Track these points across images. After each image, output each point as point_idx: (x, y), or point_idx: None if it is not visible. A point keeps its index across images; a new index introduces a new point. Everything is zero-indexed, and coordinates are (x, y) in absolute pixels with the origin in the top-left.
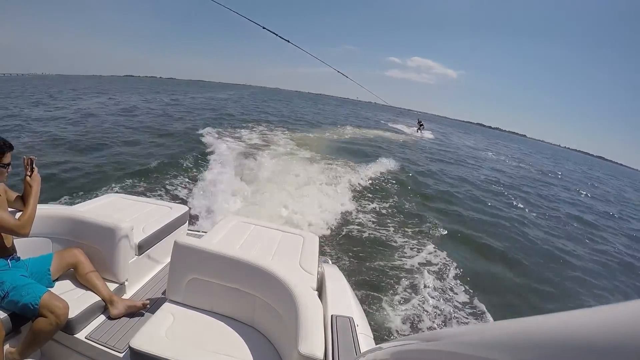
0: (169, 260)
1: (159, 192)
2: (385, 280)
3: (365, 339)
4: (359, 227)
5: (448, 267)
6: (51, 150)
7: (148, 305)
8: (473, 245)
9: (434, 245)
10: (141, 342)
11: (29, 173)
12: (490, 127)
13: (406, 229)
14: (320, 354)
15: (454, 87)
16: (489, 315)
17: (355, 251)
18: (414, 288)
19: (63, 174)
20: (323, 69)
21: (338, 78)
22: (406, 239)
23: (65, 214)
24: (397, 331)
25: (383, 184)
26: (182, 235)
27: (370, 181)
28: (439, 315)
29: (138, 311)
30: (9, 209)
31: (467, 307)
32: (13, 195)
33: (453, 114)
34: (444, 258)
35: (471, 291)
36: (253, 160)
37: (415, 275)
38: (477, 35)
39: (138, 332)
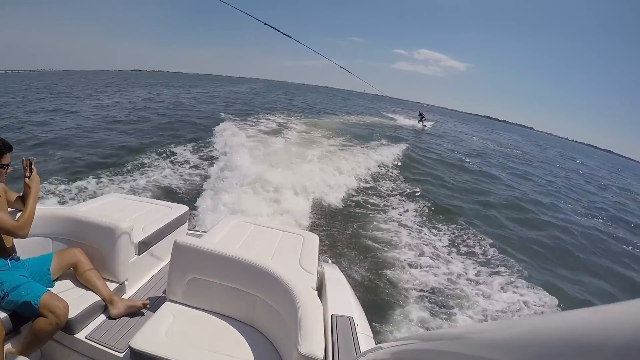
0: (168, 260)
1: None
2: (385, 280)
3: (365, 339)
4: (358, 227)
5: (448, 267)
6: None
7: (148, 305)
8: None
9: (434, 245)
10: (141, 342)
11: (28, 174)
12: (497, 119)
13: (406, 228)
14: (320, 354)
15: (462, 80)
16: (488, 317)
17: (355, 251)
18: (414, 288)
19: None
20: (329, 62)
21: (342, 72)
22: (406, 238)
23: (65, 214)
24: (397, 331)
25: (379, 176)
26: (182, 235)
27: (369, 171)
28: (439, 314)
29: (138, 311)
30: (10, 209)
31: (467, 307)
32: (13, 195)
33: (461, 106)
34: (444, 257)
35: (471, 291)
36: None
37: (416, 275)
38: (486, 27)
39: (138, 332)
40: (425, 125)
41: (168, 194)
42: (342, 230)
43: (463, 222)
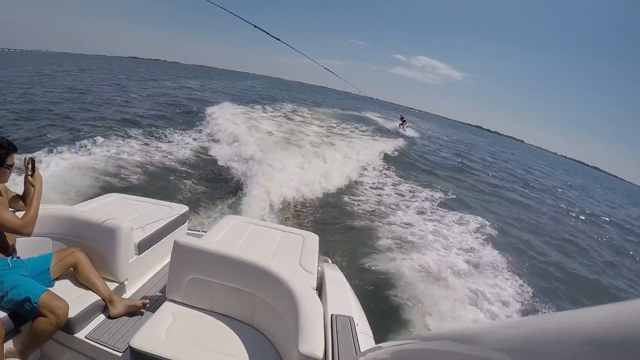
0: (168, 259)
1: None
2: (385, 280)
3: (365, 339)
4: (358, 227)
5: (449, 266)
6: None
7: (148, 305)
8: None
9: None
10: (141, 341)
11: (30, 173)
12: (488, 130)
13: (406, 228)
14: (320, 354)
15: (458, 89)
16: (486, 317)
17: (355, 250)
18: (414, 287)
19: None
20: (329, 62)
21: (342, 73)
22: (407, 238)
23: (65, 214)
24: (397, 331)
25: (379, 175)
26: (182, 234)
27: (368, 171)
28: (440, 314)
29: (138, 311)
30: (10, 209)
31: (467, 306)
32: (13, 195)
33: (454, 115)
34: (444, 256)
35: (473, 289)
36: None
37: (416, 275)
38: (486, 39)
39: (138, 331)
40: (405, 130)
41: (168, 193)
42: (342, 230)
43: (471, 220)
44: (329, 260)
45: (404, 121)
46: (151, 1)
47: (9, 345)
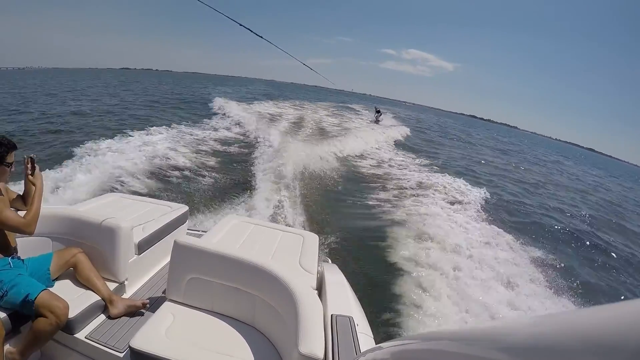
0: (168, 259)
1: None
2: (385, 280)
3: (365, 339)
4: (359, 226)
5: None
6: None
7: (148, 305)
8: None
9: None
10: (141, 341)
11: (29, 172)
12: (482, 118)
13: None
14: (320, 354)
15: (450, 80)
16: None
17: (355, 250)
18: (414, 287)
19: None
20: (317, 61)
21: (331, 71)
22: (407, 237)
23: (65, 214)
24: (397, 331)
25: (378, 175)
26: (182, 234)
27: (367, 170)
28: (440, 314)
29: (138, 311)
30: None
31: (467, 306)
32: (13, 194)
33: (447, 106)
34: (445, 257)
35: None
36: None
37: (416, 274)
38: (474, 28)
39: (138, 331)
40: (379, 121)
41: (168, 193)
42: (342, 230)
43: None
44: (329, 260)
45: (378, 112)
46: (135, 12)
47: (9, 345)
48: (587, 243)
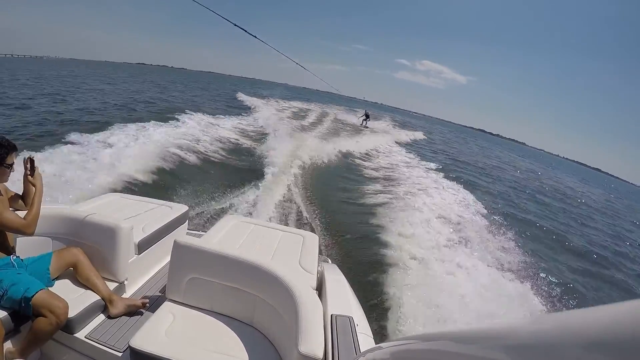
0: (168, 259)
1: None
2: (386, 280)
3: (365, 339)
4: (359, 226)
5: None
6: None
7: (148, 305)
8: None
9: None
10: (141, 341)
11: (29, 172)
12: (491, 133)
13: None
14: (320, 354)
15: (462, 93)
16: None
17: (355, 250)
18: (415, 287)
19: None
20: (328, 67)
21: (345, 79)
22: (407, 237)
23: (65, 214)
24: (397, 331)
25: (377, 175)
26: (181, 234)
27: (369, 170)
28: (440, 314)
29: (138, 310)
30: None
31: (468, 306)
32: (12, 194)
33: (458, 119)
34: (446, 256)
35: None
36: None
37: (417, 275)
38: (489, 42)
39: (138, 331)
40: (367, 125)
41: (168, 193)
42: (342, 230)
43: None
44: (329, 260)
45: (367, 116)
46: (151, 10)
47: (9, 345)
48: None
